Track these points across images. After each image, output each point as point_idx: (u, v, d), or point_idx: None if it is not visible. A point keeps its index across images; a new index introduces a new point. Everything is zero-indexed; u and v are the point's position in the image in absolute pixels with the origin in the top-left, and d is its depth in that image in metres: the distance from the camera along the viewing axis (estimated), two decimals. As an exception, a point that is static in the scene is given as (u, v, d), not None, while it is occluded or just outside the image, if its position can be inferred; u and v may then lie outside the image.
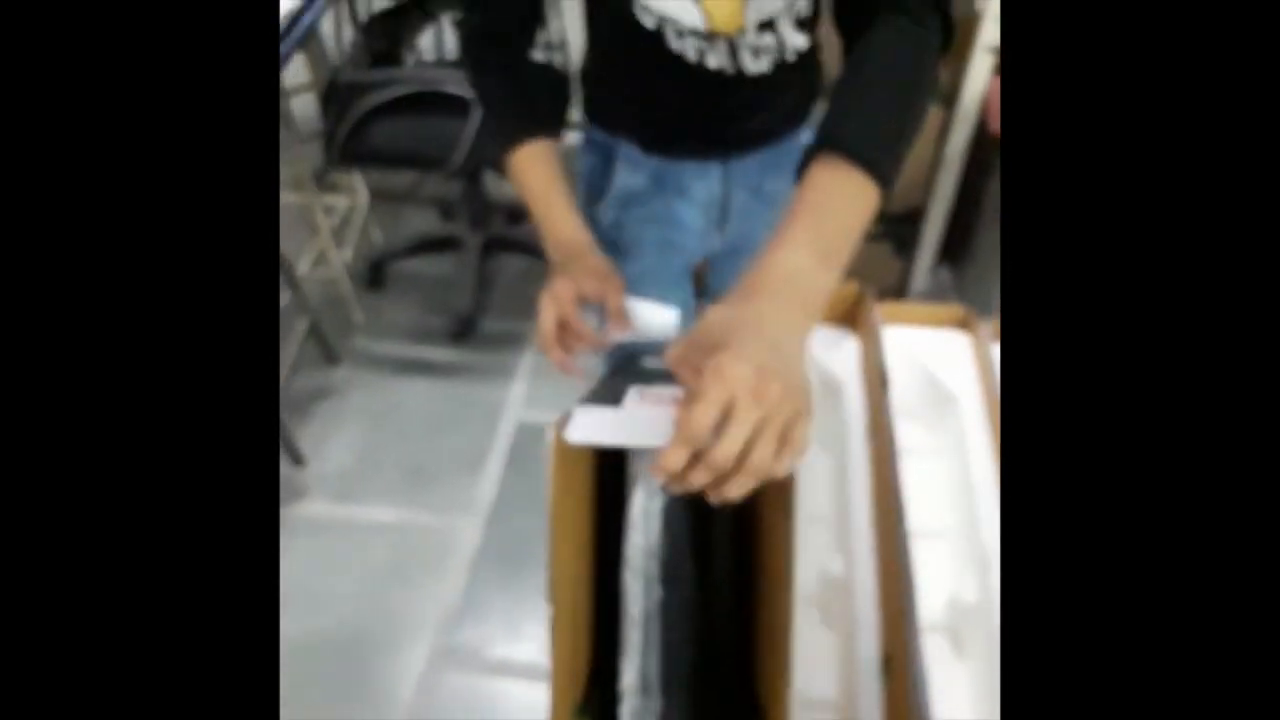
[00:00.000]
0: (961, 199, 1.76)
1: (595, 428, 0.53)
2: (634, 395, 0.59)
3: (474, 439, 1.84)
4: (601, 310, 0.82)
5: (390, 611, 1.53)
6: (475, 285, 2.07)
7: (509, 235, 2.20)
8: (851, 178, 0.57)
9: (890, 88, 0.62)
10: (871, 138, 0.58)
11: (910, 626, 0.91)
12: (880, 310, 1.26)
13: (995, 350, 1.21)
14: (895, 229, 1.84)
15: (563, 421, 0.54)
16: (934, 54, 0.67)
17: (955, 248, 1.88)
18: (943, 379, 1.22)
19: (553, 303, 0.77)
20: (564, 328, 0.78)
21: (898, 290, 1.90)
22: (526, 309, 2.22)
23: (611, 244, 0.91)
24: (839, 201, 0.57)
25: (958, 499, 1.12)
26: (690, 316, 1.41)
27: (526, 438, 1.85)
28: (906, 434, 1.10)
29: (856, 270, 1.01)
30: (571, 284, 0.78)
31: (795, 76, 0.90)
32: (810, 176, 0.58)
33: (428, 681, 1.43)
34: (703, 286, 1.18)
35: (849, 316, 1.40)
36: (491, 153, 0.92)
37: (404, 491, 1.73)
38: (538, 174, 0.83)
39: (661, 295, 1.24)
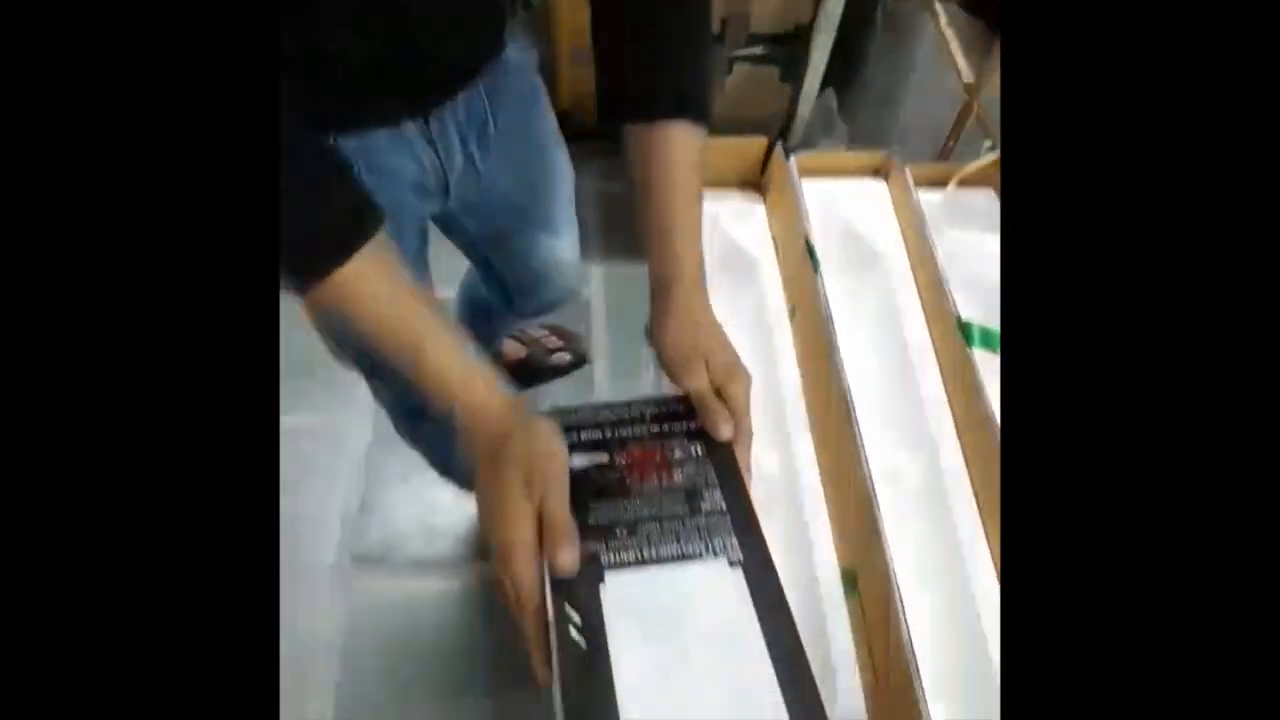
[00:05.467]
0: (849, 9, 1.61)
1: None
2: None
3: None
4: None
5: (294, 517, 1.41)
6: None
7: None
8: (699, 138, 0.60)
9: (701, 25, 0.61)
10: (709, 91, 0.60)
11: (876, 537, 0.87)
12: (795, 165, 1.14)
13: (916, 197, 1.14)
14: (781, 50, 1.68)
15: None
16: None
17: (842, 71, 1.76)
18: (865, 235, 1.14)
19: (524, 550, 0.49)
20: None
21: (785, 119, 1.78)
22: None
23: None
24: (699, 168, 0.60)
25: (888, 363, 1.08)
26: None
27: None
28: (832, 300, 1.03)
29: (746, 100, 0.87)
30: (528, 503, 0.49)
31: None
32: (671, 145, 0.59)
33: (340, 588, 1.35)
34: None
35: (754, 176, 1.28)
36: (302, 270, 0.49)
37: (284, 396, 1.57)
38: (398, 298, 0.52)
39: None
